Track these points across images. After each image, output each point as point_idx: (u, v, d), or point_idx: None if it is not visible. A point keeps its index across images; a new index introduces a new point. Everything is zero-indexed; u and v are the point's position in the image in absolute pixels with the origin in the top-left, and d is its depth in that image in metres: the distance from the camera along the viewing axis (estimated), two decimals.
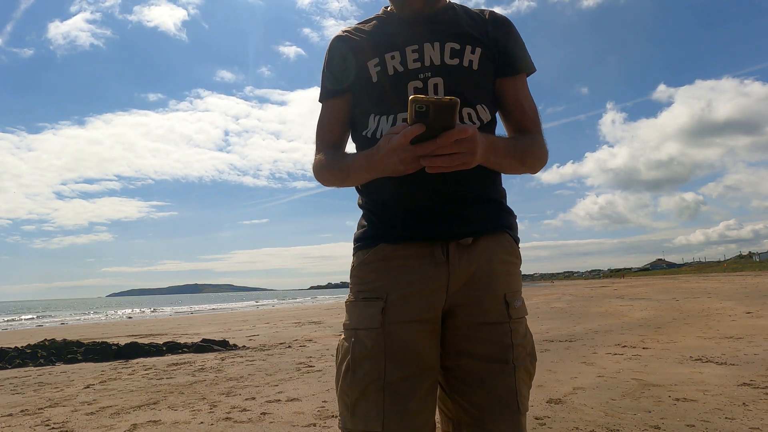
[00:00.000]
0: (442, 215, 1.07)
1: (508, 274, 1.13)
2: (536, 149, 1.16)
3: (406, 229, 1.08)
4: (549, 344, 6.69)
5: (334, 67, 1.22)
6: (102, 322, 21.93)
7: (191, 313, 28.21)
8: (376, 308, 1.06)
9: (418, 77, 1.12)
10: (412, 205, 1.08)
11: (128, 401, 4.29)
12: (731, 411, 3.23)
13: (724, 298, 14.57)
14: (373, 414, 1.01)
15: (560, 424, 3.10)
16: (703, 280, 38.00)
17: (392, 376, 1.02)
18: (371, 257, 1.11)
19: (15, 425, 3.66)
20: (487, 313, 1.08)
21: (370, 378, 1.03)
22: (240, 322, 15.48)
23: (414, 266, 1.07)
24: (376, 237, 1.12)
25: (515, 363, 1.07)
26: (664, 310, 11.41)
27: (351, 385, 1.05)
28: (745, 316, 9.15)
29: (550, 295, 24.00)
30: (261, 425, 3.39)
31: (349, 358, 1.06)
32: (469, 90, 1.13)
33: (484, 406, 1.05)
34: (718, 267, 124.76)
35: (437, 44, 1.14)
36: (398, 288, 1.06)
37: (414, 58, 1.14)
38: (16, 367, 6.82)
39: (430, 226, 1.07)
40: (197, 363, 6.45)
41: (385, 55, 1.15)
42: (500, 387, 1.05)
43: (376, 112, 1.14)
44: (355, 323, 1.09)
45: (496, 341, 1.07)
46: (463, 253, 1.07)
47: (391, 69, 1.14)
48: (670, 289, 23.78)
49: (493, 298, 1.09)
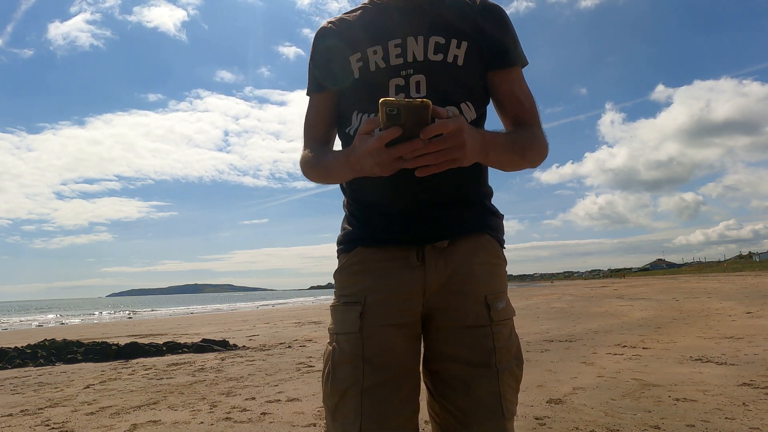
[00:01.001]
0: (418, 218, 1.07)
1: (490, 276, 1.10)
2: (536, 143, 1.11)
3: (382, 232, 1.08)
4: (549, 344, 6.69)
5: (317, 62, 1.20)
6: (102, 322, 21.93)
7: (191, 313, 28.20)
8: (354, 312, 1.06)
9: (400, 74, 1.09)
10: (390, 208, 1.08)
11: (128, 401, 4.29)
12: (731, 411, 3.23)
13: (724, 298, 14.57)
14: (351, 418, 1.01)
15: (560, 424, 3.10)
16: (703, 280, 38.01)
17: (370, 380, 1.02)
18: (349, 261, 1.12)
19: (15, 425, 3.66)
20: (468, 316, 1.06)
21: (348, 382, 1.03)
22: (240, 322, 15.48)
23: (390, 270, 1.06)
24: (354, 240, 1.12)
25: (498, 367, 1.05)
26: (664, 310, 11.41)
27: (331, 389, 1.05)
28: (745, 316, 9.15)
29: (550, 295, 24.00)
30: (261, 425, 3.39)
31: (330, 363, 1.07)
32: (452, 87, 1.10)
33: (469, 411, 1.03)
34: (718, 267, 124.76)
35: (421, 38, 1.10)
36: (375, 292, 1.06)
37: (396, 54, 1.10)
38: (16, 367, 6.82)
39: (405, 230, 1.07)
40: (197, 363, 6.45)
41: (367, 50, 1.11)
42: (484, 392, 1.03)
43: (359, 109, 1.12)
44: (337, 328, 1.09)
45: (478, 345, 1.05)
46: (439, 257, 1.06)
47: (373, 65, 1.11)
48: (670, 289, 23.78)
49: (472, 301, 1.07)
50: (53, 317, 30.45)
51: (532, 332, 8.24)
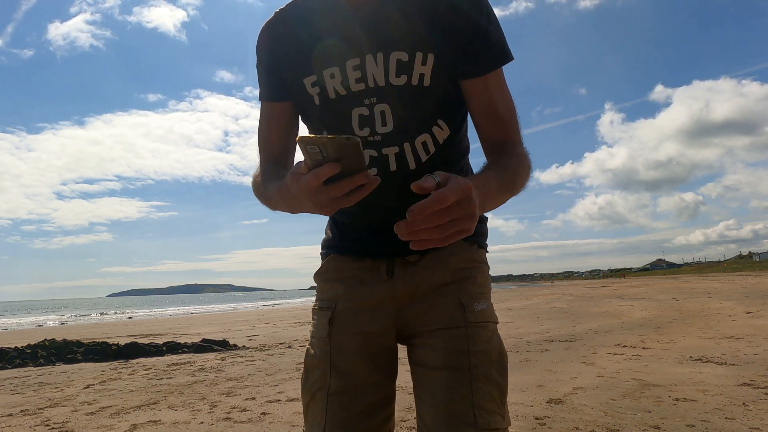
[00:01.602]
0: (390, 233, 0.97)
1: (465, 280, 1.04)
2: (523, 170, 0.95)
3: (355, 243, 1.08)
4: (549, 344, 6.69)
5: (270, 68, 1.04)
6: (102, 322, 21.93)
7: (191, 313, 28.20)
8: (325, 318, 1.07)
9: (363, 103, 0.96)
10: (367, 223, 1.06)
11: (128, 401, 4.29)
12: (731, 411, 3.22)
13: (724, 298, 14.57)
14: (318, 420, 1.02)
15: (560, 424, 3.10)
16: (703, 280, 38.01)
17: (335, 386, 1.02)
18: (324, 267, 1.13)
19: (15, 425, 3.66)
20: (440, 319, 1.01)
21: (317, 386, 1.04)
22: (240, 322, 15.48)
23: (361, 279, 1.06)
24: (330, 247, 1.13)
25: (473, 371, 0.95)
26: (664, 310, 11.41)
27: (303, 390, 1.08)
28: (745, 316, 9.15)
29: (550, 295, 24.00)
30: (261, 425, 3.39)
31: (304, 366, 1.09)
32: (421, 113, 0.98)
33: (432, 423, 0.94)
34: (718, 267, 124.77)
35: (380, 56, 0.94)
36: (345, 300, 1.06)
37: (356, 77, 0.95)
38: (16, 367, 6.83)
39: (377, 244, 1.04)
40: (197, 363, 6.45)
41: (323, 72, 0.96)
42: (451, 398, 0.94)
43: (328, 132, 1.01)
44: (311, 332, 1.11)
45: (449, 347, 0.97)
46: (407, 268, 1.03)
47: (332, 91, 0.97)
48: (670, 289, 23.78)
49: (445, 304, 1.02)
50: (53, 317, 30.45)
51: (532, 332, 8.24)
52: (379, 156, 0.98)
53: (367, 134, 0.97)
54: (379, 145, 0.98)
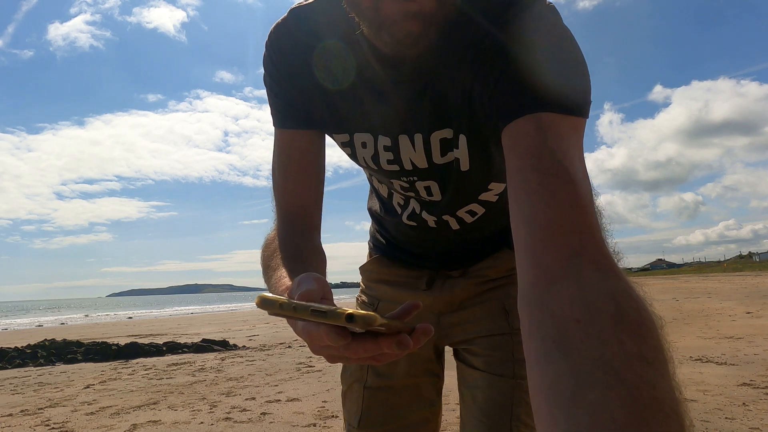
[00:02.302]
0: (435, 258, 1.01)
1: (509, 285, 0.96)
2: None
3: (402, 254, 1.04)
4: None
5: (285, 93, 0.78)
6: (102, 322, 21.94)
7: (191, 313, 28.22)
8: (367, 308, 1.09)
9: (400, 179, 0.82)
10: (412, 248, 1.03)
11: (128, 401, 4.29)
12: (731, 411, 3.22)
13: (724, 298, 14.57)
14: (354, 410, 1.04)
15: None
16: (703, 280, 38.01)
17: (372, 382, 1.02)
18: (371, 265, 1.11)
19: (15, 425, 3.66)
20: (484, 327, 0.95)
21: (354, 377, 1.05)
22: (240, 322, 15.48)
23: (402, 284, 1.05)
24: (377, 248, 1.11)
25: (517, 380, 0.88)
26: (664, 310, 11.30)
27: (342, 376, 1.08)
28: (745, 316, 9.15)
29: None
30: (261, 425, 3.39)
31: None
32: (476, 186, 0.83)
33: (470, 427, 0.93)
34: (718, 267, 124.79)
35: (419, 138, 0.75)
36: (386, 300, 1.06)
37: (388, 159, 0.78)
38: (16, 367, 6.82)
39: (422, 261, 1.02)
40: (197, 363, 6.45)
41: (354, 135, 0.78)
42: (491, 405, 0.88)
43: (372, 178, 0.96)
44: None
45: (494, 354, 0.92)
46: (447, 280, 0.99)
47: (362, 161, 0.81)
48: (670, 289, 23.78)
49: (489, 310, 0.96)
50: (53, 317, 30.47)
51: None
52: (418, 217, 0.92)
53: (413, 196, 0.88)
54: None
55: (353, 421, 1.03)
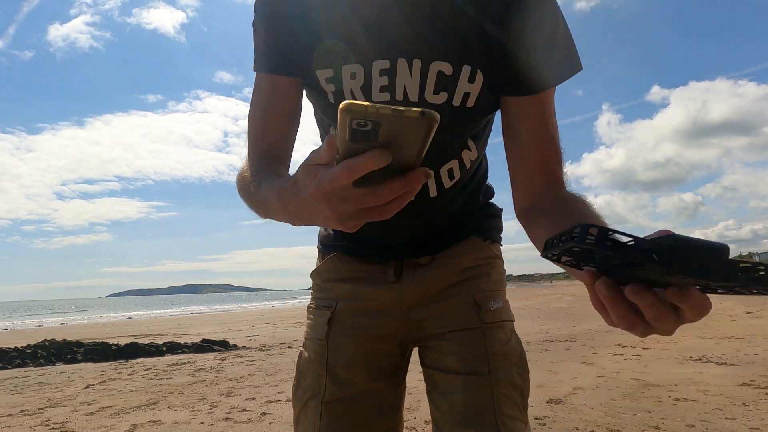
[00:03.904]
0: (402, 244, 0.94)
1: (478, 277, 0.95)
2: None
3: (364, 247, 0.97)
4: (549, 344, 6.69)
5: (272, 37, 0.82)
6: (102, 322, 21.94)
7: (191, 313, 28.21)
8: (323, 318, 0.96)
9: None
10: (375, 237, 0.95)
11: (128, 401, 4.29)
12: (731, 411, 3.22)
13: (724, 298, 14.55)
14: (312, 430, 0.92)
15: (560, 424, 3.10)
16: None
17: (330, 394, 0.91)
18: (325, 266, 1.01)
19: (15, 425, 3.66)
20: (455, 320, 0.92)
21: (310, 393, 0.93)
22: (240, 322, 15.48)
23: (365, 280, 0.95)
24: (332, 246, 1.00)
25: (493, 375, 0.87)
26: None
27: (294, 397, 0.97)
28: (745, 316, 9.15)
29: (550, 295, 23.99)
30: (261, 425, 3.39)
31: (296, 370, 0.98)
32: (454, 139, 0.84)
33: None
34: None
35: (417, 64, 0.75)
36: (347, 299, 0.96)
37: (382, 85, 0.78)
38: (16, 367, 6.82)
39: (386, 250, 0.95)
40: (197, 363, 6.45)
41: (342, 68, 0.78)
42: (471, 405, 0.86)
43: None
44: (306, 332, 1.00)
45: (465, 350, 0.89)
46: (417, 270, 0.93)
47: (349, 94, 0.80)
48: None
49: (459, 303, 0.92)
50: (53, 317, 30.46)
51: (532, 332, 8.23)
52: None
53: None
54: None
55: None
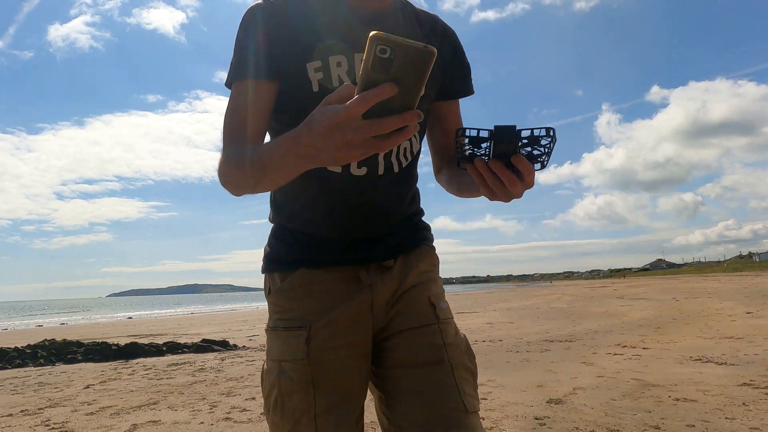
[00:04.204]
0: (367, 241, 1.04)
1: (429, 281, 1.09)
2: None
3: (328, 255, 1.02)
4: (549, 344, 6.69)
5: (264, 45, 0.95)
6: (102, 322, 21.93)
7: (191, 313, 28.20)
8: (299, 339, 0.99)
9: None
10: (339, 236, 1.03)
11: (128, 401, 4.29)
12: (731, 411, 3.23)
13: (724, 298, 14.57)
14: None
15: (560, 424, 3.10)
16: (703, 280, 38.00)
17: (322, 406, 0.97)
18: (291, 284, 1.03)
19: (15, 425, 3.66)
20: (416, 318, 1.04)
21: (300, 410, 0.97)
22: (240, 322, 15.48)
23: (336, 290, 1.01)
24: (296, 262, 1.03)
25: (452, 362, 1.00)
26: (664, 310, 11.41)
27: (282, 418, 0.99)
28: (745, 316, 9.15)
29: (550, 295, 24.00)
30: (261, 425, 3.38)
31: (276, 392, 1.00)
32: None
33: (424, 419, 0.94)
34: (718, 267, 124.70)
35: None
36: (321, 315, 1.00)
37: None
38: (16, 367, 6.83)
39: (350, 251, 1.02)
40: (197, 363, 6.45)
41: (329, 59, 0.95)
42: (443, 389, 0.97)
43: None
44: (278, 354, 1.01)
45: (428, 343, 1.01)
46: (384, 273, 1.04)
47: (336, 79, 0.95)
48: (670, 289, 23.78)
49: (419, 303, 1.05)
50: (53, 317, 30.43)
51: (532, 332, 8.24)
52: (372, 157, 0.99)
53: None
54: None
55: None
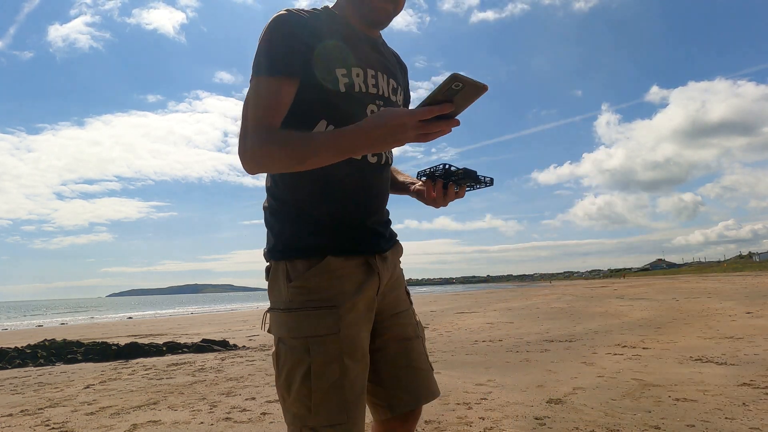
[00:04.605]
0: (372, 233, 1.26)
1: (401, 271, 1.40)
2: None
3: (349, 243, 1.20)
4: (549, 344, 6.69)
5: (296, 48, 1.12)
6: (102, 322, 21.93)
7: (191, 313, 28.19)
8: (332, 316, 1.14)
9: (375, 102, 1.23)
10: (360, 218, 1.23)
11: (128, 401, 4.29)
12: (731, 411, 3.22)
13: (724, 298, 14.57)
14: (337, 409, 1.12)
15: (560, 424, 3.10)
16: (703, 280, 38.00)
17: (352, 373, 1.14)
18: (320, 269, 1.17)
19: (15, 425, 3.66)
20: (400, 304, 1.35)
21: (333, 378, 1.12)
22: (240, 322, 15.48)
23: (355, 276, 1.20)
24: (323, 249, 1.18)
25: (421, 335, 1.38)
26: (664, 310, 11.41)
27: (315, 388, 1.12)
28: (745, 316, 9.15)
29: (550, 295, 24.00)
30: (261, 425, 3.38)
31: (309, 365, 1.12)
32: None
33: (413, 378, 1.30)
34: (718, 267, 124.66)
35: (385, 77, 1.26)
36: (347, 297, 1.17)
37: (372, 83, 1.22)
38: (16, 367, 6.82)
39: (365, 242, 1.23)
40: (197, 363, 6.45)
41: (352, 69, 1.18)
42: (419, 357, 1.34)
43: (330, 120, 1.16)
44: (307, 331, 1.14)
45: (409, 323, 1.35)
46: (383, 263, 1.27)
47: (357, 86, 1.19)
48: (670, 289, 23.78)
49: (400, 291, 1.36)
50: (53, 317, 30.42)
51: (532, 332, 8.24)
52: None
53: None
54: None
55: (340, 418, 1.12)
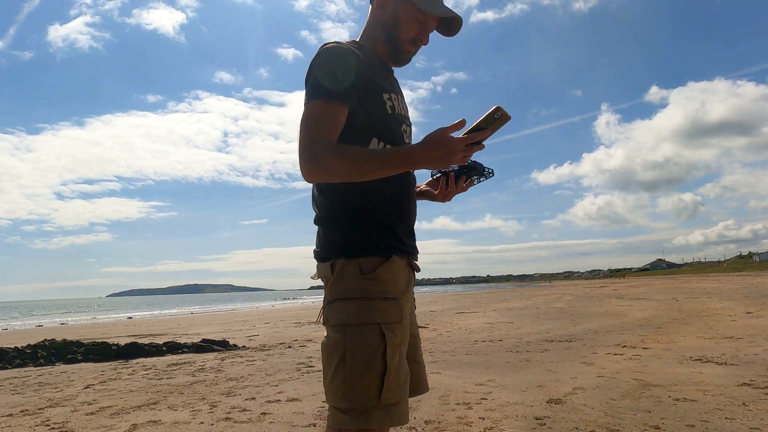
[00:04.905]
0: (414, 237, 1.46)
1: None
2: None
3: (404, 245, 1.38)
4: (549, 344, 6.69)
5: (354, 79, 1.29)
6: (102, 322, 21.94)
7: (191, 313, 28.20)
8: (397, 307, 1.30)
9: (406, 122, 1.45)
10: (408, 222, 1.43)
11: (128, 401, 4.28)
12: (731, 411, 3.22)
13: (724, 298, 14.57)
14: (399, 388, 1.26)
15: (560, 424, 3.10)
16: (703, 280, 38.00)
17: (404, 359, 1.31)
18: (390, 265, 1.32)
19: (15, 425, 3.66)
20: (413, 304, 1.49)
21: (397, 361, 1.27)
22: (240, 322, 15.48)
23: (406, 274, 1.39)
24: (389, 248, 1.34)
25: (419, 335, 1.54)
26: (664, 310, 11.41)
27: (389, 369, 1.24)
28: (745, 316, 9.15)
29: (550, 295, 24.00)
30: (261, 425, 3.38)
31: (385, 348, 1.25)
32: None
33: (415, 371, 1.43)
34: (718, 267, 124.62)
35: (402, 100, 1.47)
36: (402, 292, 1.34)
37: (401, 106, 1.44)
38: (16, 367, 6.82)
39: (412, 245, 1.43)
40: (197, 363, 6.45)
41: (391, 94, 1.39)
42: (420, 353, 1.50)
43: (381, 138, 1.35)
44: (383, 318, 1.27)
45: (415, 322, 1.51)
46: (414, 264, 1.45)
47: (396, 108, 1.40)
48: (670, 289, 23.78)
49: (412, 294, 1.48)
50: (53, 317, 30.42)
51: (532, 332, 8.23)
52: None
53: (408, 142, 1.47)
54: None
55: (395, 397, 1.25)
